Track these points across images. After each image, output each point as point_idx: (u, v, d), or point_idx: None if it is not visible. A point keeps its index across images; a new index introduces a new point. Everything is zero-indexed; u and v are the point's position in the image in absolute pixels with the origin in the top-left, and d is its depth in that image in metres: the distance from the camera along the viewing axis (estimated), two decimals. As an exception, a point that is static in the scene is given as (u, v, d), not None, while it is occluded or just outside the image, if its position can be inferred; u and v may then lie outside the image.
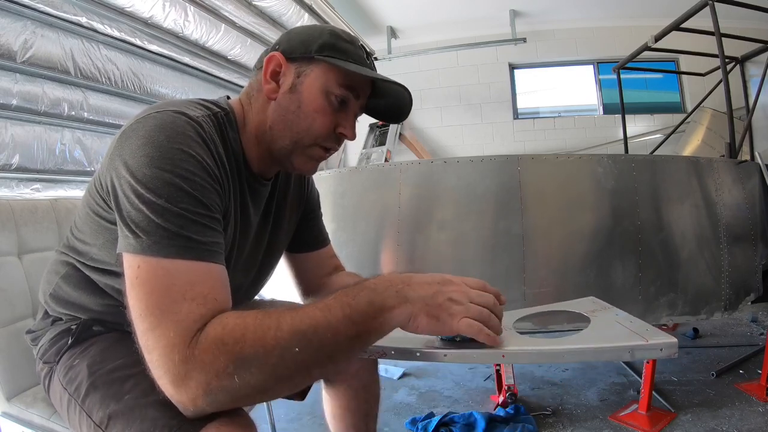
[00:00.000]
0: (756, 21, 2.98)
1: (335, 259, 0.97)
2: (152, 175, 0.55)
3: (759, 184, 1.99)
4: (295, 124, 0.70)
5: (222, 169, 0.64)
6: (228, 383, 0.49)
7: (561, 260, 1.75)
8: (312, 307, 0.53)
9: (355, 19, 4.31)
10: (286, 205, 0.86)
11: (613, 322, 0.60)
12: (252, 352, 0.49)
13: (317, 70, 0.69)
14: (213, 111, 0.69)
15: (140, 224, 0.54)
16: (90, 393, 0.65)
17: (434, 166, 1.95)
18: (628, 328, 0.56)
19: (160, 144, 0.57)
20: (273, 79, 0.70)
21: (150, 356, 0.51)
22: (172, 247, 0.54)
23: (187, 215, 0.55)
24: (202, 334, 0.50)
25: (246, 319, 0.52)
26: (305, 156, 0.72)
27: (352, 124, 0.73)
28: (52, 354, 0.75)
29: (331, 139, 0.72)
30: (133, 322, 0.53)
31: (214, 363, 0.49)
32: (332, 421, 0.97)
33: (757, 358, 2.07)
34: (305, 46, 0.69)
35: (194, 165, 0.58)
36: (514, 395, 1.76)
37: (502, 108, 5.08)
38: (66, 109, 2.26)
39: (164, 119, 0.60)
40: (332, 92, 0.69)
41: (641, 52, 3.10)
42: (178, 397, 0.50)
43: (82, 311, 0.75)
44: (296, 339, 0.51)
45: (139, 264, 0.53)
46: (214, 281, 0.56)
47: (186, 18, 2.69)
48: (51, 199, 1.13)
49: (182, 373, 0.49)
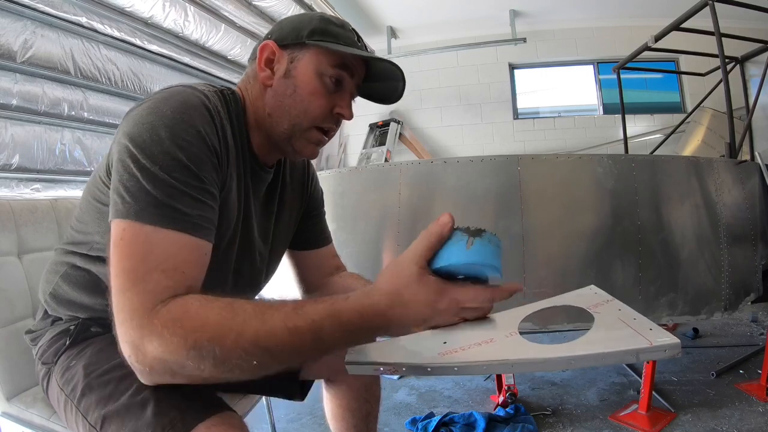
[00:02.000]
0: (756, 21, 2.98)
1: (337, 259, 0.96)
2: (151, 140, 0.56)
3: (759, 184, 1.99)
4: (292, 108, 0.70)
5: (223, 144, 0.64)
6: (182, 362, 0.50)
7: (561, 260, 1.75)
8: (282, 322, 0.51)
9: (355, 19, 4.31)
10: (288, 196, 0.86)
11: (616, 320, 0.59)
12: (209, 347, 0.50)
13: (309, 54, 0.70)
14: (220, 89, 0.71)
15: (131, 189, 0.55)
16: (85, 394, 0.65)
17: (434, 166, 1.95)
18: (632, 329, 0.55)
19: (164, 114, 0.58)
20: (267, 66, 0.71)
21: (117, 317, 0.52)
22: (156, 215, 0.54)
23: (178, 185, 0.56)
24: (163, 307, 0.51)
25: (209, 311, 0.51)
26: (304, 139, 0.73)
27: (348, 103, 0.74)
28: (50, 355, 0.75)
29: (328, 120, 0.72)
30: (110, 280, 0.54)
31: (170, 340, 0.50)
32: (332, 421, 0.97)
33: (757, 358, 2.07)
34: (296, 33, 0.70)
35: (194, 136, 0.58)
36: (514, 395, 1.76)
37: (502, 108, 5.08)
38: (66, 109, 2.26)
39: (171, 92, 0.62)
40: (326, 73, 0.70)
41: (641, 52, 3.10)
42: (135, 359, 0.51)
43: (82, 310, 0.75)
44: (256, 352, 0.50)
45: (124, 227, 0.54)
46: (189, 254, 0.56)
47: (186, 18, 2.69)
48: (51, 199, 1.13)
49: (139, 338, 0.50)
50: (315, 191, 0.94)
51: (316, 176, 0.96)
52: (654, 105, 4.95)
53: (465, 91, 5.15)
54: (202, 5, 2.75)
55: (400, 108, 5.24)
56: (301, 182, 0.90)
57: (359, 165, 4.81)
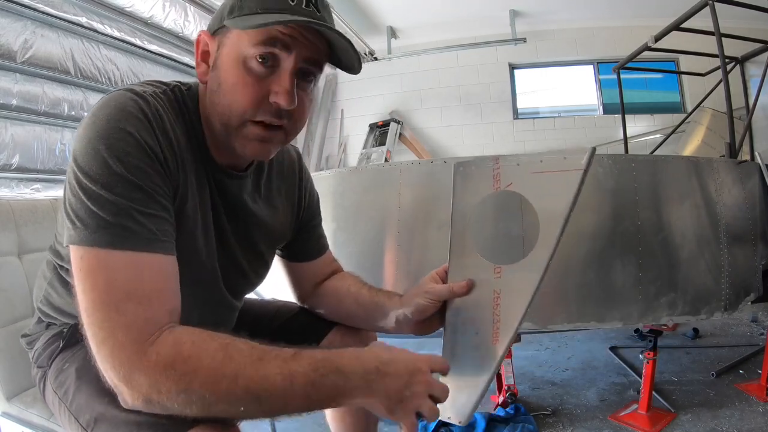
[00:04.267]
0: (756, 21, 2.98)
1: (334, 264, 0.94)
2: (89, 158, 0.53)
3: (759, 184, 1.99)
4: (218, 105, 0.61)
5: (168, 148, 0.58)
6: (168, 403, 0.49)
7: (561, 260, 1.75)
8: (276, 368, 0.50)
9: (355, 19, 4.31)
10: (275, 199, 0.80)
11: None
12: (200, 391, 0.49)
13: (230, 37, 0.60)
14: (170, 86, 0.64)
15: (78, 213, 0.53)
16: (77, 396, 0.65)
17: (434, 166, 1.95)
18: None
19: (100, 125, 0.54)
20: (204, 60, 0.63)
21: (98, 350, 0.51)
22: (108, 236, 0.51)
23: (123, 201, 0.52)
24: (153, 348, 0.50)
25: (203, 354, 0.50)
26: (241, 137, 0.61)
27: (285, 86, 0.58)
28: (45, 358, 0.75)
29: (263, 112, 0.59)
30: (81, 314, 0.52)
31: (160, 382, 0.49)
32: (332, 421, 0.97)
33: (757, 358, 2.07)
34: (220, 16, 0.61)
35: (132, 145, 0.54)
36: (514, 395, 1.76)
37: (502, 108, 5.08)
38: (66, 109, 2.26)
39: (109, 98, 0.57)
40: (248, 56, 0.58)
41: (641, 52, 3.10)
42: (120, 390, 0.51)
43: (71, 317, 0.75)
44: (248, 399, 0.50)
45: (81, 255, 0.52)
46: (157, 276, 0.53)
47: (186, 18, 2.69)
48: (51, 199, 1.13)
49: (127, 373, 0.49)
50: (310, 202, 0.89)
51: (310, 186, 0.89)
52: (654, 105, 4.94)
53: (465, 91, 5.15)
54: (202, 5, 2.76)
55: (400, 108, 5.24)
56: (293, 189, 0.85)
57: (359, 165, 4.81)
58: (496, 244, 0.72)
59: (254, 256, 0.79)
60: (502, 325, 0.65)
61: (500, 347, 0.65)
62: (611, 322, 1.60)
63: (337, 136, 5.34)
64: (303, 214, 0.87)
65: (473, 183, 0.77)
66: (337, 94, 5.36)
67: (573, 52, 4.97)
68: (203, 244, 0.67)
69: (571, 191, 0.66)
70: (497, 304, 0.67)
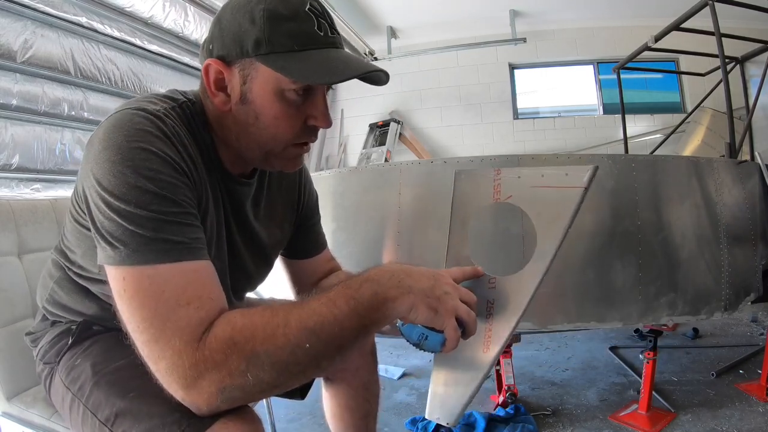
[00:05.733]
0: (756, 21, 2.98)
1: (332, 262, 0.96)
2: (117, 181, 0.53)
3: (759, 184, 1.99)
4: (259, 137, 0.64)
5: (189, 161, 0.61)
6: (242, 381, 0.50)
7: (560, 260, 1.74)
8: (316, 302, 0.54)
9: (355, 19, 4.31)
10: (277, 203, 0.83)
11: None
12: (263, 350, 0.50)
13: (262, 72, 0.60)
14: (179, 102, 0.65)
15: (115, 234, 0.53)
16: (94, 392, 0.65)
17: (434, 166, 1.95)
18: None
19: (120, 145, 0.54)
20: (219, 90, 0.63)
21: (157, 366, 0.51)
22: (151, 252, 0.52)
23: (160, 217, 0.53)
24: (209, 335, 0.51)
25: (253, 317, 0.52)
26: (282, 159, 0.68)
27: (322, 110, 0.64)
28: (53, 355, 0.75)
29: (304, 135, 0.65)
30: (130, 334, 0.53)
31: (227, 362, 0.49)
32: (332, 421, 0.97)
33: (757, 358, 2.07)
34: (240, 46, 0.59)
35: (157, 162, 0.55)
36: (514, 395, 1.76)
37: (502, 108, 5.08)
38: (66, 109, 2.26)
39: (122, 119, 0.57)
40: (286, 89, 0.60)
41: (641, 52, 3.10)
42: (191, 399, 0.50)
43: (79, 315, 0.75)
44: (305, 336, 0.51)
45: (124, 276, 0.52)
46: (203, 280, 0.55)
47: (186, 18, 2.69)
48: (51, 199, 1.13)
49: (194, 376, 0.49)
50: (309, 200, 0.91)
51: (309, 185, 0.92)
52: (654, 105, 4.94)
53: (465, 91, 5.15)
54: (202, 5, 2.76)
55: (400, 108, 5.24)
56: (291, 186, 0.87)
57: (359, 165, 4.81)
58: (492, 254, 0.73)
59: (261, 259, 0.81)
60: (493, 335, 0.66)
61: (490, 356, 0.65)
62: (611, 322, 1.60)
63: (337, 136, 5.34)
64: (302, 212, 0.90)
65: (473, 192, 0.78)
66: (337, 94, 5.36)
67: (573, 52, 4.97)
68: (215, 254, 0.69)
69: (570, 208, 0.66)
70: (490, 314, 0.67)
